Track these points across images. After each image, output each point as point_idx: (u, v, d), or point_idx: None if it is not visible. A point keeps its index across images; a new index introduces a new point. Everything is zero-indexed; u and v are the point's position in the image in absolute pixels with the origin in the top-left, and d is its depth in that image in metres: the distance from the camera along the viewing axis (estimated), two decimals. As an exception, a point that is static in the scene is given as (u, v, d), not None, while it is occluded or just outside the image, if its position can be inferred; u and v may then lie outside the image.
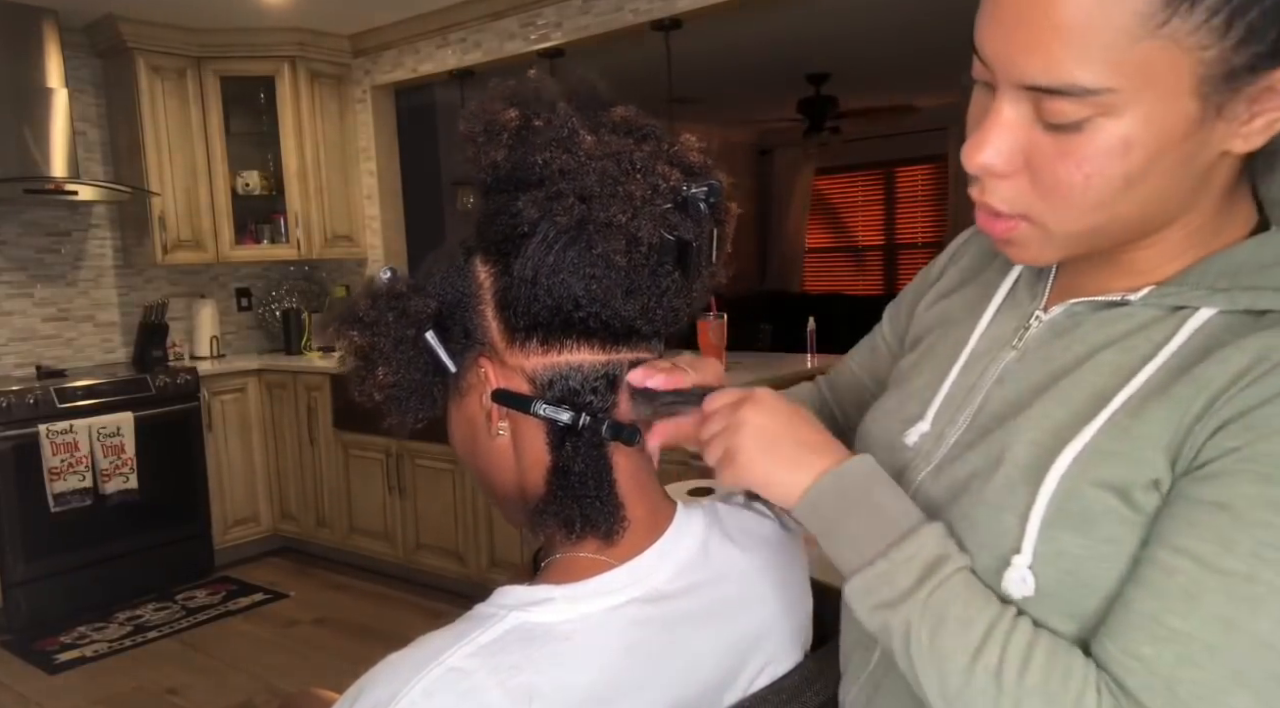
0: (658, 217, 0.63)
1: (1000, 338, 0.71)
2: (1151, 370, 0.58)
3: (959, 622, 0.58)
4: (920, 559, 0.60)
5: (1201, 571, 0.52)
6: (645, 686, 0.66)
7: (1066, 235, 0.60)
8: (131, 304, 4.31)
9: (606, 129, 0.67)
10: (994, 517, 0.61)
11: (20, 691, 3.06)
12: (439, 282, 0.70)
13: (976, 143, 0.58)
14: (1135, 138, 0.53)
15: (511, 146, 0.65)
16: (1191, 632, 0.52)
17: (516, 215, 0.65)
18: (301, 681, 3.02)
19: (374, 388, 0.69)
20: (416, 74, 4.26)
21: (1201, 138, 0.54)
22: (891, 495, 0.64)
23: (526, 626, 0.64)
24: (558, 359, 0.67)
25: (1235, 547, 0.51)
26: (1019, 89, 0.55)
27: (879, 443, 0.76)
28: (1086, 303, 0.65)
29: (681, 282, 0.68)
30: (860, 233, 7.99)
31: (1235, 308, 0.57)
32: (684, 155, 0.68)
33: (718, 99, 6.28)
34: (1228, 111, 0.53)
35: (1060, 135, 0.54)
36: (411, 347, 0.68)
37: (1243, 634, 0.50)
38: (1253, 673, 0.50)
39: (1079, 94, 0.52)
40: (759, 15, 4.01)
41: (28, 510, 3.45)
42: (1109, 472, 0.57)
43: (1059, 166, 0.55)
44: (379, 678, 0.62)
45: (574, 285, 0.64)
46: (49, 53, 3.67)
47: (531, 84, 0.68)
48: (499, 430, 0.70)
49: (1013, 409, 0.65)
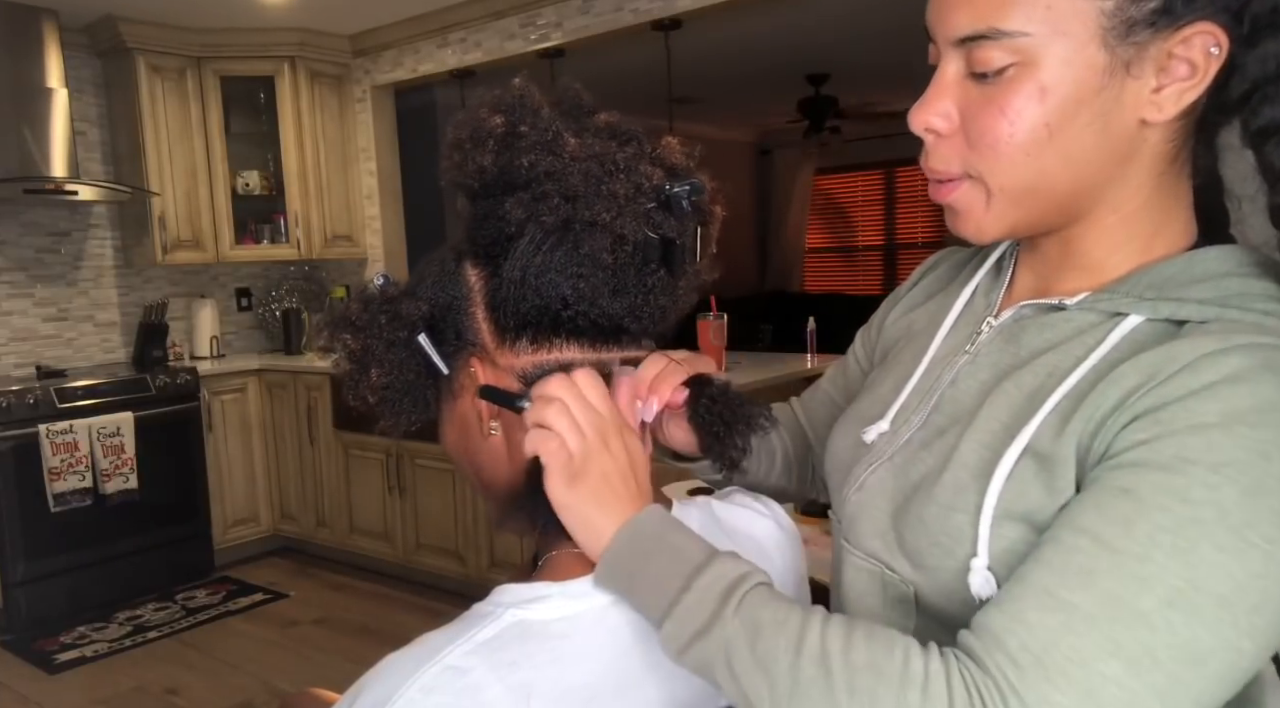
0: (641, 215, 0.65)
1: (956, 344, 0.74)
2: (1083, 372, 0.61)
3: (773, 624, 0.58)
4: (723, 581, 0.60)
5: (1099, 549, 0.54)
6: (643, 683, 0.66)
7: (1002, 192, 0.63)
8: (131, 304, 4.32)
9: (590, 133, 0.68)
10: (944, 517, 0.63)
11: (20, 691, 3.06)
12: (430, 285, 0.71)
13: (920, 105, 0.65)
14: (1050, 83, 0.59)
15: (498, 152, 0.67)
16: (1079, 603, 0.53)
17: (504, 218, 0.66)
18: (301, 681, 3.02)
19: (367, 390, 0.70)
20: (416, 74, 4.27)
21: (1113, 93, 0.59)
22: (687, 535, 0.64)
23: (524, 623, 0.64)
24: (547, 358, 0.68)
25: (1134, 530, 0.53)
26: (953, 48, 0.62)
27: (840, 443, 0.79)
28: (1031, 306, 0.69)
29: (667, 280, 0.69)
30: (860, 233, 8.00)
31: (1159, 316, 0.61)
32: (667, 156, 0.70)
33: (718, 99, 6.29)
34: (1135, 69, 0.59)
35: (987, 86, 0.61)
36: (404, 349, 0.70)
37: (1126, 609, 0.52)
38: (1129, 646, 0.51)
39: (998, 37, 0.59)
40: (759, 15, 4.01)
41: (28, 511, 3.46)
42: (1046, 473, 0.59)
43: (986, 116, 0.61)
44: (378, 677, 0.62)
45: (561, 285, 0.66)
46: (49, 53, 3.68)
47: (516, 92, 0.70)
48: (491, 429, 0.70)
49: (962, 410, 0.68)
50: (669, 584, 0.61)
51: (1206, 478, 0.53)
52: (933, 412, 0.71)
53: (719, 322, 3.03)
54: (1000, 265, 0.77)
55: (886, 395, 0.77)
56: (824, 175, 8.03)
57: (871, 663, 0.54)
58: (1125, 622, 0.52)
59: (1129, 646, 0.51)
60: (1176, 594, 0.52)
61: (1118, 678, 0.51)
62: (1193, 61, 0.58)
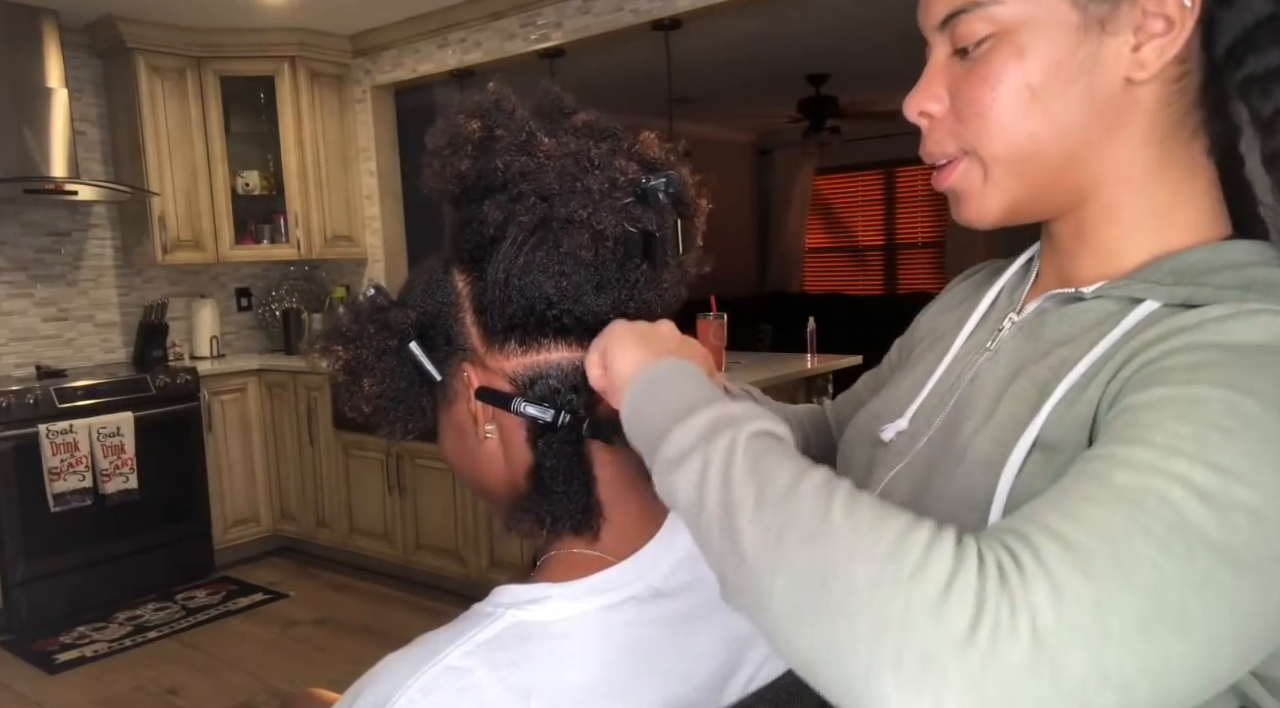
0: (618, 210, 0.65)
1: (978, 342, 0.74)
2: (1092, 359, 0.60)
3: (785, 453, 0.53)
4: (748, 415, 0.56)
5: (1112, 462, 0.48)
6: (643, 683, 0.66)
7: (995, 161, 0.64)
8: (131, 304, 4.32)
9: (566, 132, 0.69)
10: (955, 515, 0.62)
11: (20, 691, 3.06)
12: (419, 293, 0.72)
13: (913, 93, 0.67)
14: (1027, 46, 0.60)
15: (475, 156, 0.68)
16: (1095, 496, 0.46)
17: (484, 221, 0.66)
18: (301, 681, 3.02)
19: (362, 400, 0.71)
20: (416, 74, 4.27)
21: (1091, 51, 0.60)
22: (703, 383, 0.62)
23: (524, 624, 0.64)
24: (536, 359, 0.68)
25: (1150, 436, 0.48)
26: (938, 32, 0.65)
27: (858, 439, 0.79)
28: (1052, 299, 0.68)
29: (650, 274, 0.69)
30: (860, 233, 7.99)
31: (1175, 300, 0.59)
32: (644, 151, 0.70)
33: (718, 99, 6.29)
34: (1111, 27, 0.59)
35: (971, 60, 0.63)
36: (395, 357, 0.70)
37: (1152, 496, 0.45)
38: (1159, 531, 0.44)
39: (973, 9, 0.61)
40: (759, 15, 4.01)
41: (28, 510, 3.45)
42: (1056, 464, 0.58)
43: (970, 86, 0.63)
44: (378, 677, 0.62)
45: (544, 284, 0.66)
46: (49, 53, 3.67)
47: (492, 96, 0.70)
48: (486, 433, 0.71)
49: (978, 406, 0.67)
50: (694, 401, 0.58)
51: (1225, 394, 0.48)
52: (951, 410, 0.70)
53: (719, 322, 3.03)
54: (1029, 266, 0.76)
55: (905, 394, 0.77)
56: (824, 175, 8.03)
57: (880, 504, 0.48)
58: (1150, 507, 0.45)
59: (1157, 529, 0.44)
60: (1207, 494, 0.45)
61: (1152, 559, 0.43)
62: (1168, 16, 0.59)
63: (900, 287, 7.68)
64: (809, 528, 0.47)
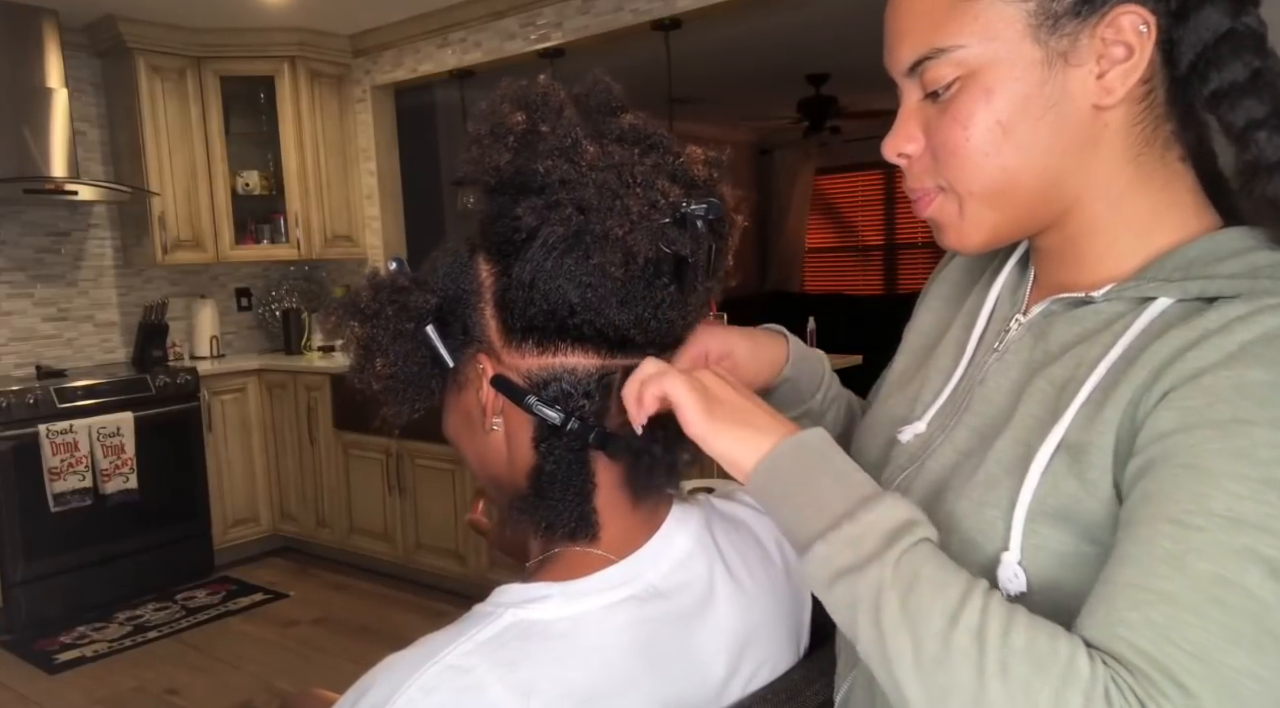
0: (655, 231, 0.64)
1: (987, 344, 0.74)
2: (1113, 359, 0.61)
3: (933, 583, 0.55)
4: (892, 521, 0.58)
5: (1180, 530, 0.51)
6: (642, 682, 0.66)
7: (971, 196, 0.65)
8: (131, 304, 4.32)
9: (612, 138, 0.67)
10: (977, 513, 0.63)
11: (20, 691, 3.06)
12: (442, 277, 0.71)
13: (889, 136, 0.69)
14: (993, 85, 0.62)
15: (516, 151, 0.66)
16: (1175, 592, 0.50)
17: (518, 219, 0.65)
18: (301, 681, 3.02)
19: (372, 378, 0.70)
20: (416, 74, 4.27)
21: (1058, 84, 0.61)
22: (853, 465, 0.63)
23: (525, 623, 0.64)
24: (551, 361, 0.68)
25: (1210, 502, 0.51)
26: (908, 78, 0.66)
27: (872, 438, 0.79)
28: (1060, 301, 0.68)
29: (677, 295, 0.68)
30: (861, 233, 7.99)
31: (1188, 296, 0.60)
32: (688, 169, 0.69)
33: (718, 99, 6.28)
34: (1074, 58, 0.61)
35: (942, 102, 0.64)
36: (410, 340, 0.69)
37: (1228, 588, 0.49)
38: (1246, 629, 0.49)
39: (938, 55, 0.63)
40: (759, 15, 4.01)
41: (28, 510, 3.45)
42: (1078, 464, 0.58)
43: (945, 128, 0.64)
44: (379, 677, 0.62)
45: (569, 292, 0.65)
46: (49, 53, 3.67)
47: (541, 88, 0.69)
48: (493, 426, 0.70)
49: (994, 409, 0.67)
50: (833, 506, 0.59)
51: (1270, 436, 0.51)
52: (964, 412, 0.70)
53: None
54: (1025, 263, 0.76)
55: (920, 396, 0.77)
56: (824, 175, 8.03)
57: (1031, 650, 0.51)
58: (1233, 604, 0.49)
59: (1245, 629, 0.49)
60: (1277, 568, 0.49)
61: (1248, 669, 0.48)
62: (1127, 43, 0.60)
63: (900, 286, 7.68)
64: (969, 693, 0.51)
